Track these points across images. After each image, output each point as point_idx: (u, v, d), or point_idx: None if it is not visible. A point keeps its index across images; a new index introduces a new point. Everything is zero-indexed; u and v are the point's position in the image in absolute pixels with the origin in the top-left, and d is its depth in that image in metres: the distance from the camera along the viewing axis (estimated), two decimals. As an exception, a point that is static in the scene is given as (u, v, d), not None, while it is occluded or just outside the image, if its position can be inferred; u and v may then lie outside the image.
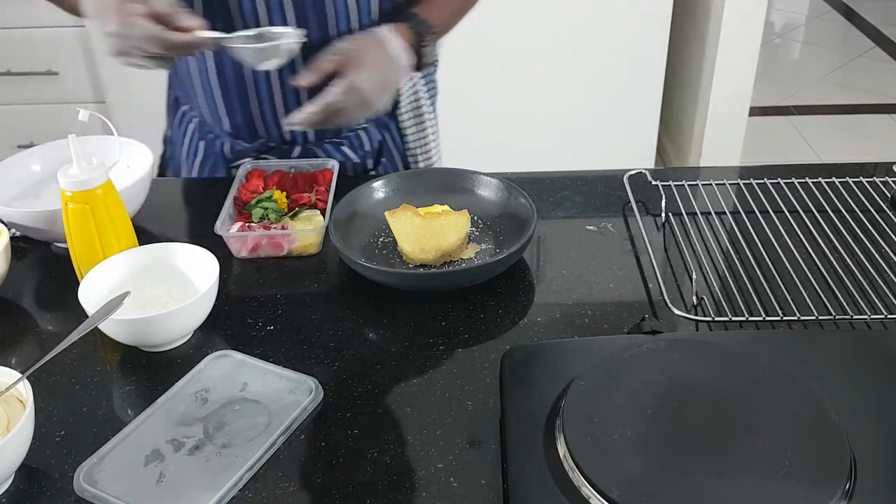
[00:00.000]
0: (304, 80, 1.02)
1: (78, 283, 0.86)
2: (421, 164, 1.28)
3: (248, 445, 0.72)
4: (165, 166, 1.31)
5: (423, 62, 1.10)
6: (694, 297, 0.89)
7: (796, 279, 0.90)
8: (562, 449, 0.64)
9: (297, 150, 1.16)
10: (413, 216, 0.96)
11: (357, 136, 1.19)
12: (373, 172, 1.23)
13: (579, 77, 2.56)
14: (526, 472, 0.63)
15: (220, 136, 1.18)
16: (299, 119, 1.02)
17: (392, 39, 1.04)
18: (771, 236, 0.98)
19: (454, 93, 2.53)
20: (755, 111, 3.08)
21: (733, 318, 0.85)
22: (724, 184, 1.09)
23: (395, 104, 1.22)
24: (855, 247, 0.96)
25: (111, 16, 0.88)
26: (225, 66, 1.09)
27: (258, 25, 1.03)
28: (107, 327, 0.82)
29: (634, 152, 2.68)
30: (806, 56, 4.14)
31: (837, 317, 0.84)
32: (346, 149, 1.18)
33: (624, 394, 0.69)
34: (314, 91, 1.04)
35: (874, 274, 0.92)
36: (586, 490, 0.61)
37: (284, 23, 1.04)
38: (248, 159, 1.15)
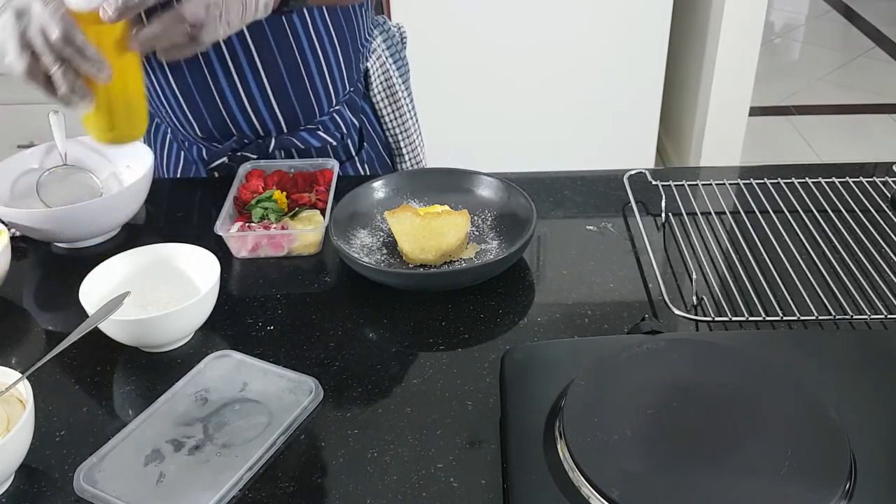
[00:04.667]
0: None
1: (78, 284, 0.86)
2: (403, 147, 1.27)
3: (248, 445, 0.72)
4: None
5: None
6: (694, 297, 0.89)
7: (796, 279, 0.90)
8: (562, 449, 0.64)
9: (273, 142, 1.14)
10: (413, 216, 0.96)
11: (332, 118, 1.17)
12: (356, 158, 1.22)
13: (579, 77, 2.56)
14: (526, 472, 0.63)
15: (194, 142, 1.16)
16: (139, 37, 0.81)
17: None
18: (771, 236, 0.98)
19: (454, 93, 2.55)
20: (755, 111, 3.08)
21: (733, 318, 0.85)
22: (724, 184, 1.09)
23: (366, 85, 1.21)
24: (855, 247, 0.96)
25: None
26: (180, 76, 1.07)
27: None
28: (107, 327, 0.82)
29: (634, 152, 2.68)
30: (806, 56, 4.14)
31: (837, 317, 0.84)
32: (322, 133, 1.16)
33: (624, 394, 0.69)
34: (275, 85, 1.06)
35: (874, 274, 0.92)
36: (586, 490, 0.61)
37: None
38: (224, 159, 1.14)
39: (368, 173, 1.25)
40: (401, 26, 1.31)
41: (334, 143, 1.18)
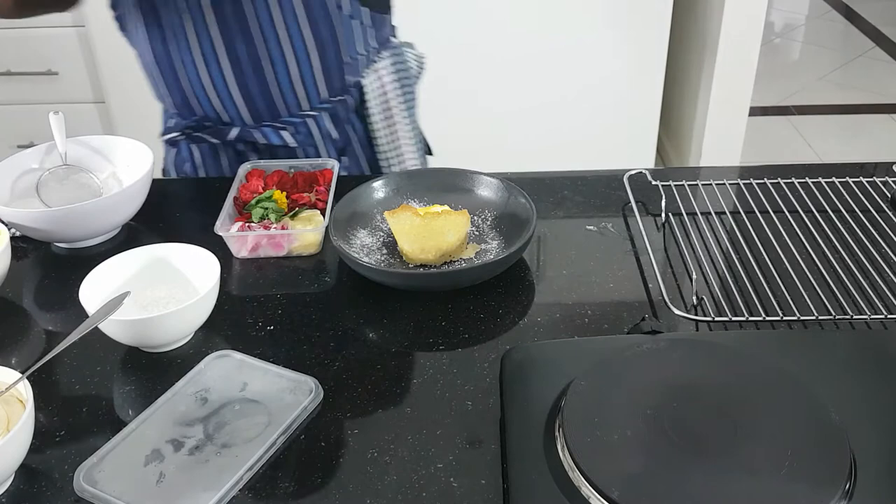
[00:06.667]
0: None
1: (78, 284, 0.86)
2: (393, 169, 1.26)
3: (248, 445, 0.72)
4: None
5: None
6: (694, 297, 0.89)
7: (796, 279, 0.90)
8: (562, 449, 0.64)
9: (234, 132, 1.14)
10: (413, 216, 0.96)
11: (304, 123, 1.15)
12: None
13: (579, 77, 2.56)
14: (526, 472, 0.63)
15: (172, 116, 1.18)
16: None
17: None
18: (771, 236, 0.98)
19: (454, 92, 2.55)
20: (755, 111, 3.08)
21: (733, 318, 0.85)
22: (724, 184, 1.09)
23: (362, 102, 1.19)
24: (855, 247, 0.96)
25: None
26: (156, 44, 1.08)
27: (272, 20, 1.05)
28: (107, 327, 0.82)
29: (634, 152, 2.68)
30: (806, 56, 4.14)
31: (837, 317, 0.84)
32: (285, 134, 1.14)
33: (624, 394, 0.69)
34: (237, 72, 1.07)
35: (874, 274, 0.92)
36: (586, 490, 0.61)
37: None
38: (176, 135, 1.16)
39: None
40: (422, 57, 1.28)
41: (294, 146, 1.15)
